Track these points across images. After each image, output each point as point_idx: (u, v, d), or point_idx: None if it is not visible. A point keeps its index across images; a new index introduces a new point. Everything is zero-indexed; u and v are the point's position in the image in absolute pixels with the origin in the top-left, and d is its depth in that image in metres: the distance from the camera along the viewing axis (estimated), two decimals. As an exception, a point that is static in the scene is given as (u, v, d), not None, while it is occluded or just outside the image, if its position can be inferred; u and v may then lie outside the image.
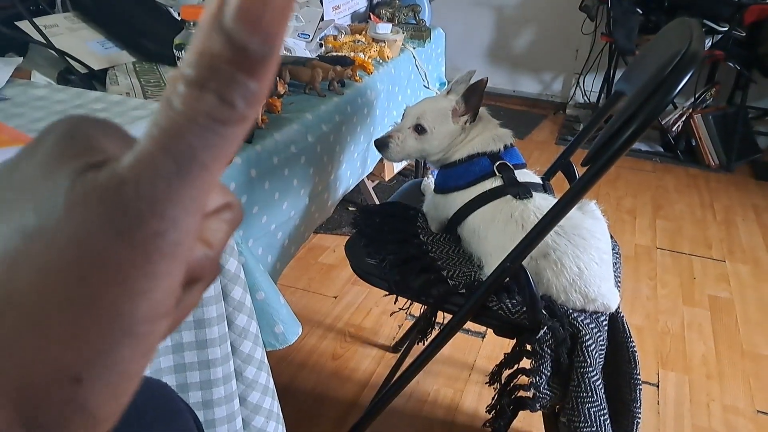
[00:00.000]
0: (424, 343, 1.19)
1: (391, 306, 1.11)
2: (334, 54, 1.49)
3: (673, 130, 2.99)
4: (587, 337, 0.92)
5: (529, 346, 0.95)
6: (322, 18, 1.65)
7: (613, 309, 0.99)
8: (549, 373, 0.92)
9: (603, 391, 0.94)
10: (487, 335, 1.62)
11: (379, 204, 1.37)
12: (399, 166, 2.20)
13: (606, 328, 0.99)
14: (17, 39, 1.01)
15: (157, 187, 0.16)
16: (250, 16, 0.15)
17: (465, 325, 0.98)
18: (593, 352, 0.92)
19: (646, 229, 2.31)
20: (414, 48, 1.79)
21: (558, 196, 0.91)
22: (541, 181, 1.10)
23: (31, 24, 1.01)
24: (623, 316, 1.02)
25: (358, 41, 1.60)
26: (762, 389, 1.51)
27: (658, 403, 1.45)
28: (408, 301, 1.09)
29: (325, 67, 1.23)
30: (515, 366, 1.00)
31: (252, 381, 0.84)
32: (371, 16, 1.87)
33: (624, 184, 2.69)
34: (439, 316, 1.09)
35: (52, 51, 1.01)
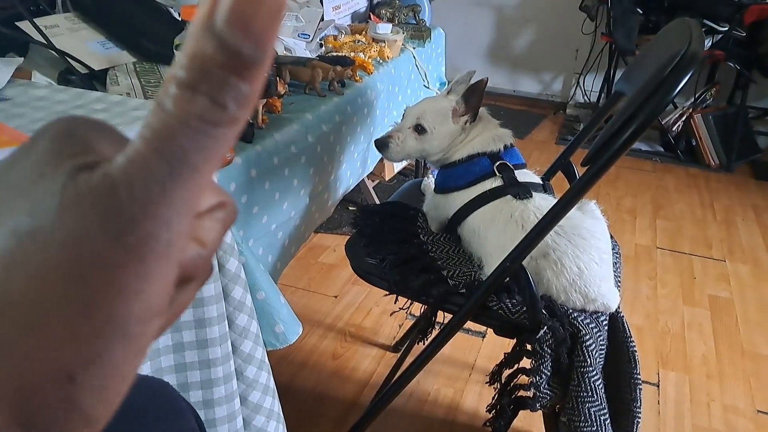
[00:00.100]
0: (424, 343, 1.20)
1: (391, 306, 1.11)
2: (334, 54, 1.49)
3: (674, 129, 2.99)
4: (587, 336, 0.92)
5: (529, 346, 0.95)
6: (323, 18, 1.65)
7: (613, 309, 1.00)
8: (549, 373, 0.93)
9: (603, 390, 0.94)
10: (487, 335, 1.62)
11: (379, 204, 1.37)
12: (399, 166, 2.20)
13: (606, 327, 0.99)
14: (18, 39, 1.01)
15: (149, 188, 0.16)
16: (241, 20, 0.16)
17: (465, 325, 0.99)
18: (593, 352, 0.92)
19: (646, 228, 2.31)
20: (414, 48, 1.79)
21: (558, 196, 0.91)
22: (541, 181, 1.10)
23: (31, 24, 1.01)
24: (623, 316, 1.02)
25: (359, 41, 1.60)
26: (762, 389, 1.51)
27: (659, 402, 1.45)
28: (408, 301, 1.10)
29: (325, 67, 1.23)
30: (515, 366, 1.00)
31: (253, 380, 0.84)
32: (371, 16, 1.87)
33: (624, 184, 2.69)
34: (440, 315, 1.09)
35: (53, 51, 1.01)
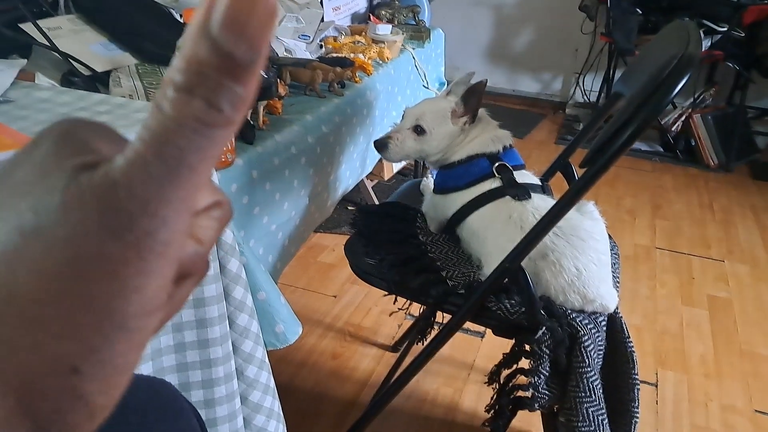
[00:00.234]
0: (423, 343, 1.20)
1: (390, 305, 1.12)
2: (334, 55, 1.50)
3: (673, 129, 3.00)
4: (586, 337, 0.92)
5: (527, 347, 0.95)
6: (323, 19, 1.65)
7: (611, 310, 1.00)
8: (547, 373, 0.93)
9: (601, 391, 0.95)
10: (486, 335, 1.63)
11: (378, 204, 1.37)
12: (398, 166, 2.21)
13: (604, 328, 0.99)
14: (21, 41, 1.01)
15: (148, 188, 0.17)
16: (235, 24, 0.16)
17: (464, 325, 0.99)
18: (591, 353, 0.93)
19: (645, 228, 2.32)
20: (413, 49, 1.80)
21: (557, 197, 0.91)
22: (539, 183, 1.11)
23: (34, 26, 1.01)
24: (621, 317, 1.03)
25: (358, 42, 1.60)
26: (760, 389, 1.52)
27: (657, 402, 1.45)
28: (407, 301, 1.10)
29: (325, 68, 1.24)
30: (514, 366, 1.01)
31: (253, 380, 0.84)
32: (371, 17, 1.88)
33: (623, 184, 2.69)
34: (439, 315, 1.10)
35: (56, 53, 1.01)
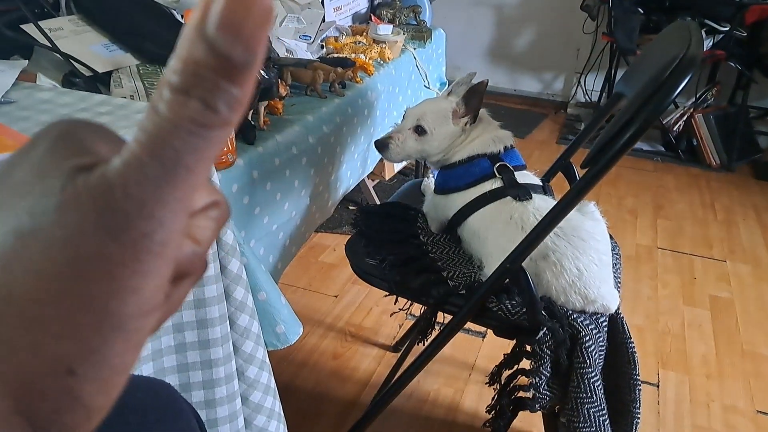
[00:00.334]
0: (424, 343, 1.20)
1: (391, 305, 1.12)
2: (336, 55, 1.50)
3: (675, 129, 2.99)
4: (587, 338, 0.92)
5: (528, 347, 0.95)
6: (324, 19, 1.65)
7: (612, 310, 1.00)
8: (548, 374, 0.93)
9: (602, 391, 0.95)
10: (487, 335, 1.63)
11: (379, 204, 1.37)
12: (399, 166, 2.21)
13: (605, 329, 0.99)
14: (22, 42, 1.01)
15: (144, 189, 0.17)
16: (232, 26, 0.16)
17: (465, 325, 0.99)
18: (593, 353, 0.93)
19: (646, 228, 2.31)
20: (415, 49, 1.80)
21: (558, 198, 0.91)
22: (540, 183, 1.11)
23: (36, 27, 1.01)
24: (623, 317, 1.03)
25: (359, 42, 1.60)
26: (762, 389, 1.51)
27: (658, 403, 1.45)
28: (408, 302, 1.10)
29: (326, 68, 1.24)
30: (515, 366, 1.00)
31: (254, 381, 0.85)
32: (372, 17, 1.88)
33: (625, 184, 2.69)
34: (440, 315, 1.10)
35: (57, 54, 1.02)
